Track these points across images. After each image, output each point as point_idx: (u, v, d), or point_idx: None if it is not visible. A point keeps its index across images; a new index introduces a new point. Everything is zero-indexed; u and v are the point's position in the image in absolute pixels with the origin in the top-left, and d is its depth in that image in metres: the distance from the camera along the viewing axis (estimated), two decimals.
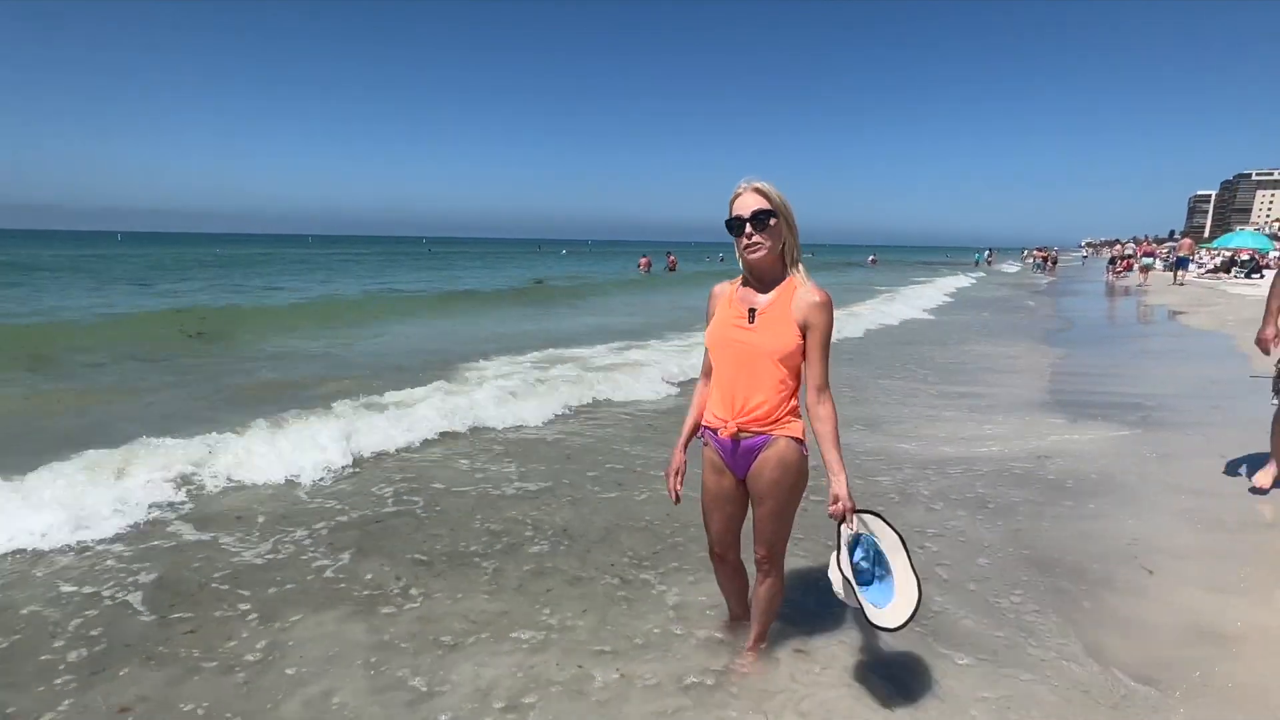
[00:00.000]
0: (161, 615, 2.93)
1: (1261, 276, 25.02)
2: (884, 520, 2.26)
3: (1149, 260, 27.75)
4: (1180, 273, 26.19)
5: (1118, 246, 46.58)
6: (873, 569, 2.21)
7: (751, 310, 2.18)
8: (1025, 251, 64.16)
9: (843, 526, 2.20)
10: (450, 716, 2.32)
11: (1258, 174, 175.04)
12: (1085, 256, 73.92)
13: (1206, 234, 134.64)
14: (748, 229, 2.11)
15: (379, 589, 3.18)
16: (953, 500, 4.19)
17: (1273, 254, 28.81)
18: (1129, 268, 28.86)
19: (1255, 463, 4.53)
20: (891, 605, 2.20)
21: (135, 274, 26.49)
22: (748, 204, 2.12)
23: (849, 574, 2.17)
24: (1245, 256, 28.59)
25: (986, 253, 55.24)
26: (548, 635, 2.80)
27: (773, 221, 2.12)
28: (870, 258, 55.85)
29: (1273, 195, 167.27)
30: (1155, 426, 5.76)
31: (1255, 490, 4.16)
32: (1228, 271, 28.41)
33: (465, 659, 2.63)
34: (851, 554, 2.20)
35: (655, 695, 2.43)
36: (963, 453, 5.13)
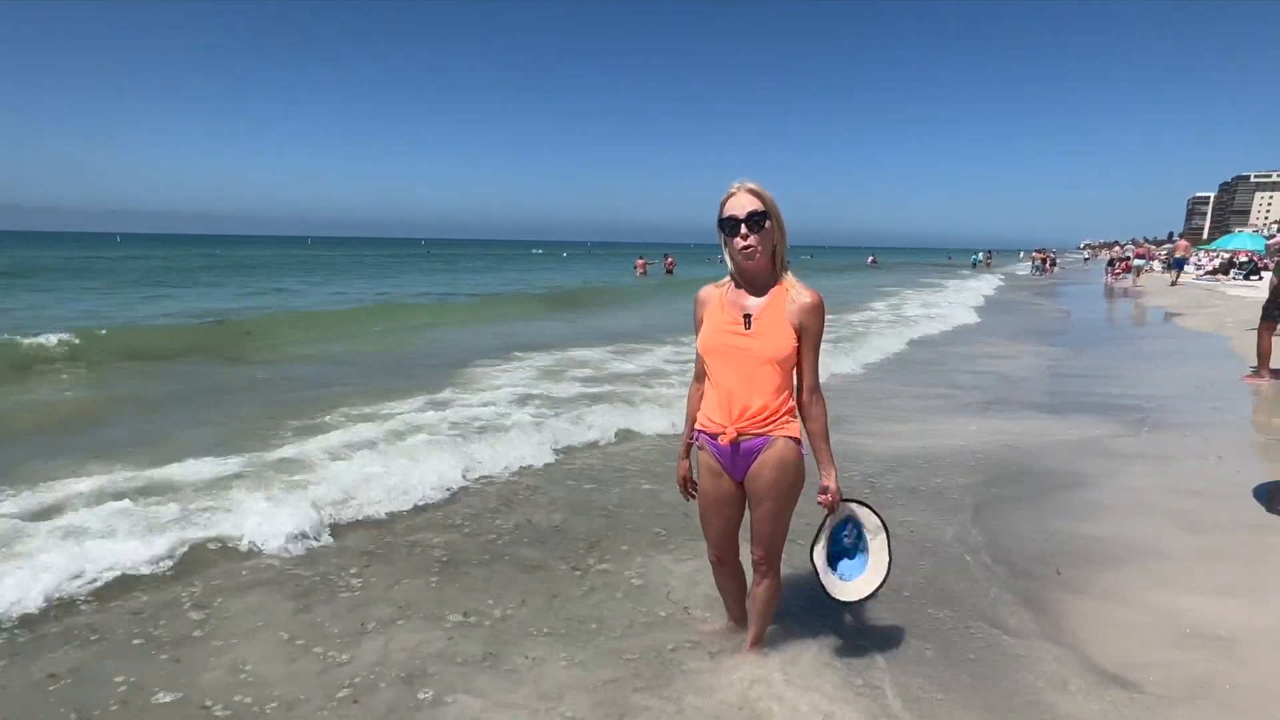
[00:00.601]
0: (109, 601, 2.99)
1: (1260, 278, 25.03)
2: (869, 507, 2.44)
3: (1140, 262, 27.94)
4: (1175, 273, 26.43)
5: (1116, 248, 46.55)
6: (855, 545, 2.45)
7: (747, 316, 2.15)
8: (1022, 254, 63.70)
9: (829, 518, 2.38)
10: (349, 683, 2.43)
11: (1256, 176, 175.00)
12: (1087, 258, 73.61)
13: (1205, 236, 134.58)
14: (743, 230, 2.08)
15: (321, 578, 3.22)
16: (941, 498, 4.16)
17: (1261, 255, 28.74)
18: (1128, 269, 28.96)
19: (1253, 463, 4.55)
20: (860, 579, 2.41)
21: (141, 277, 26.36)
22: (743, 204, 2.08)
23: (821, 564, 2.38)
24: (1244, 258, 28.60)
25: (983, 255, 54.47)
26: (480, 619, 2.85)
27: (767, 224, 2.09)
28: (869, 258, 55.70)
29: (1271, 197, 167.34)
30: (1152, 427, 5.68)
31: None
32: (1226, 273, 28.41)
33: (383, 637, 2.71)
34: (837, 536, 2.42)
35: (581, 670, 2.49)
36: (955, 450, 5.08)
